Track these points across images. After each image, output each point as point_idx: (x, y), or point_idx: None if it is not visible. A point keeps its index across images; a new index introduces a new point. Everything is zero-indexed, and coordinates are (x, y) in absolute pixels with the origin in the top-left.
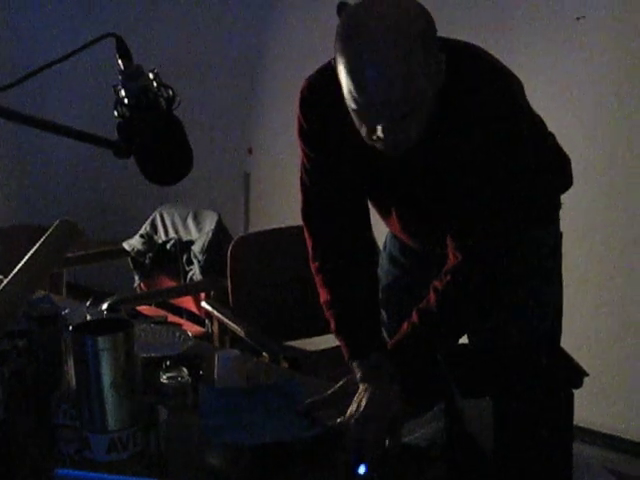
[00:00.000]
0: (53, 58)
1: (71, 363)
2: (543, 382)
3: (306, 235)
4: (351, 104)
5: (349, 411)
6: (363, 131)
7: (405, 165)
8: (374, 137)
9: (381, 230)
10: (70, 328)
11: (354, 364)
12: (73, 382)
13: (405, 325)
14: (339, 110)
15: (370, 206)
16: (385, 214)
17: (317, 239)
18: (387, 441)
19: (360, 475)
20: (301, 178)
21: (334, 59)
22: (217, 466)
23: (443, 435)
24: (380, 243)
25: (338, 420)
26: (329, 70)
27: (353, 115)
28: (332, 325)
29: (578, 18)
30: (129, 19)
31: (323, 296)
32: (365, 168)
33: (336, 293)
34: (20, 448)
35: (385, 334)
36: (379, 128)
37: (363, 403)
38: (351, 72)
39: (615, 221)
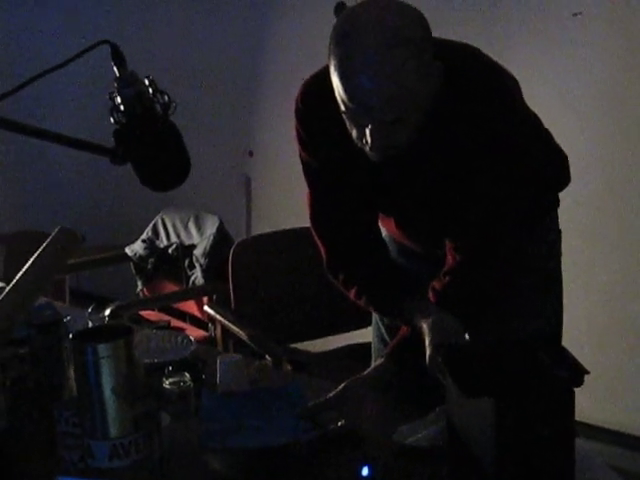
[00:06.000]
0: (48, 66)
1: (73, 370)
2: (544, 381)
3: (318, 243)
4: (342, 105)
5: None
6: (354, 133)
7: (403, 167)
8: (363, 140)
9: None
10: (70, 336)
11: (409, 315)
12: (75, 389)
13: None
14: (336, 115)
15: None
16: (383, 217)
17: (329, 248)
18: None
19: (363, 476)
20: (309, 190)
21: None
22: (219, 471)
23: (445, 435)
24: None
25: (339, 423)
26: (323, 75)
27: (344, 117)
28: (372, 308)
29: (575, 14)
30: (126, 24)
31: (351, 293)
32: (363, 172)
33: (360, 284)
34: (22, 455)
35: (385, 334)
36: (367, 131)
37: (431, 320)
38: (342, 74)
39: (614, 218)
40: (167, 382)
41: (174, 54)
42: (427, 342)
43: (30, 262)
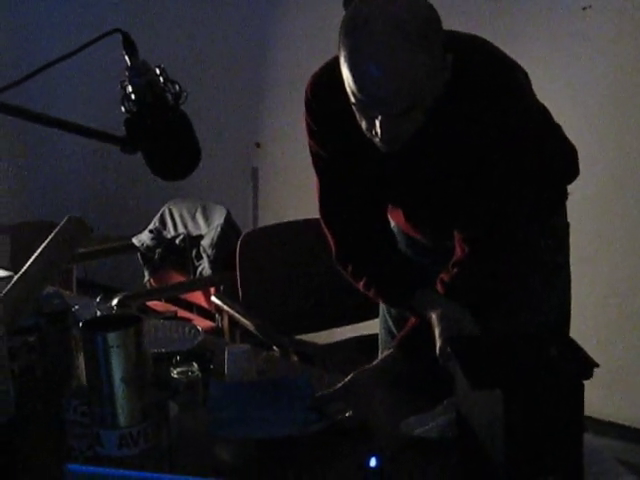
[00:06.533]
0: (59, 55)
1: (81, 359)
2: (553, 373)
3: (327, 235)
4: (351, 97)
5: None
6: (363, 125)
7: (412, 159)
8: (373, 132)
9: None
10: (80, 324)
11: (418, 306)
12: (84, 378)
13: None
14: (345, 106)
15: None
16: (392, 208)
17: (338, 239)
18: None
19: (371, 468)
20: (318, 181)
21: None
22: (226, 461)
23: (454, 427)
24: None
25: (347, 414)
26: (333, 66)
27: (354, 108)
28: (381, 299)
29: (584, 8)
30: (135, 14)
31: (360, 284)
32: (373, 163)
33: (369, 276)
34: (31, 444)
35: (392, 326)
36: (377, 123)
37: (440, 311)
38: (351, 65)
39: (622, 211)
40: (175, 372)
41: (181, 45)
42: (437, 334)
43: (39, 251)
